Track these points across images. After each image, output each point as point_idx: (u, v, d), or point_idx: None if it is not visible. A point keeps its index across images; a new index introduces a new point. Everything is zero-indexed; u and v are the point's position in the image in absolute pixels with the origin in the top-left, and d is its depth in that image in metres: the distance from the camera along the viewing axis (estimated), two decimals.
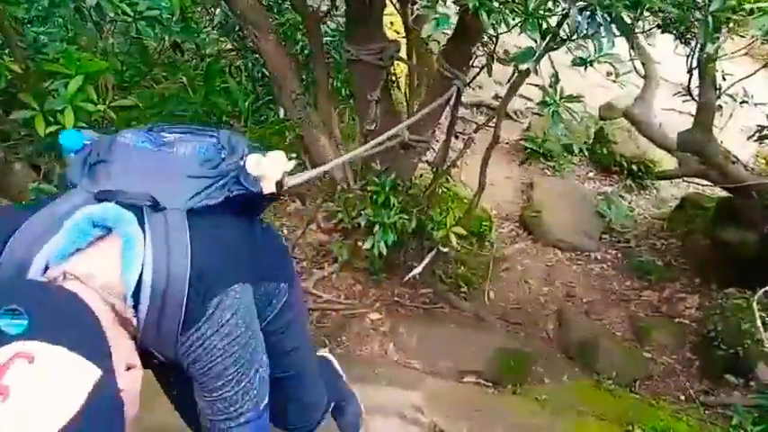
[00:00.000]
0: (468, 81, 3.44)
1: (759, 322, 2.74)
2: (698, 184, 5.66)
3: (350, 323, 3.92)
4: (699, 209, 5.80)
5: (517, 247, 5.72)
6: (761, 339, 3.96)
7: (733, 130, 6.39)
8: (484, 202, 4.91)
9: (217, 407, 1.16)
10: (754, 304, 2.91)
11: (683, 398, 4.14)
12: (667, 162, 6.74)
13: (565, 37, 2.22)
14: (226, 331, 1.09)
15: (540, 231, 5.86)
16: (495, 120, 3.75)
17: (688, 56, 3.88)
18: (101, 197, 1.11)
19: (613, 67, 2.72)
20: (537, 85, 2.52)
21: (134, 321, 1.03)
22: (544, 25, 2.13)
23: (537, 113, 7.55)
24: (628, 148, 6.83)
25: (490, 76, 3.60)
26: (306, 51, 4.94)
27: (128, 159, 1.19)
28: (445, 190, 4.36)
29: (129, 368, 0.93)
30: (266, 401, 1.22)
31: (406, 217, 3.38)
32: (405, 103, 4.47)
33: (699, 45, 3.56)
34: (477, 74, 3.67)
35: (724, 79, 4.11)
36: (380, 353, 3.80)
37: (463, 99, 4.23)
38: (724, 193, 5.51)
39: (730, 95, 4.33)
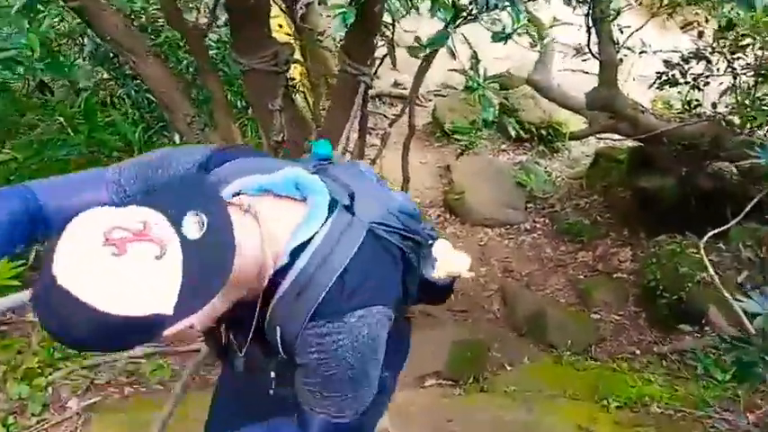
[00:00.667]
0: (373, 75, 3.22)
1: (711, 270, 2.70)
2: (608, 138, 5.71)
3: None
4: (613, 162, 5.88)
5: (447, 233, 5.61)
6: (701, 282, 4.03)
7: (629, 80, 6.57)
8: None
9: (323, 404, 1.15)
10: (702, 250, 2.88)
11: (638, 352, 4.15)
12: (573, 122, 6.83)
13: (474, 13, 2.04)
14: (359, 348, 1.09)
15: (465, 212, 5.78)
16: (407, 110, 3.58)
17: (586, 15, 3.84)
18: (317, 169, 1.21)
19: (534, 37, 2.58)
20: (457, 70, 2.34)
21: (264, 282, 1.06)
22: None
23: (440, 95, 7.50)
24: (534, 114, 6.86)
25: (394, 66, 3.41)
26: (191, 69, 4.57)
27: (351, 171, 1.31)
28: None
29: (191, 327, 0.94)
30: (365, 407, 1.20)
31: None
32: (308, 107, 4.21)
33: (592, 3, 3.53)
34: (379, 65, 3.47)
35: (621, 32, 4.11)
36: None
37: None
38: (634, 144, 5.63)
39: (629, 48, 4.35)
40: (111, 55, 4.59)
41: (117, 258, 0.83)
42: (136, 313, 0.83)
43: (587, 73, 7.31)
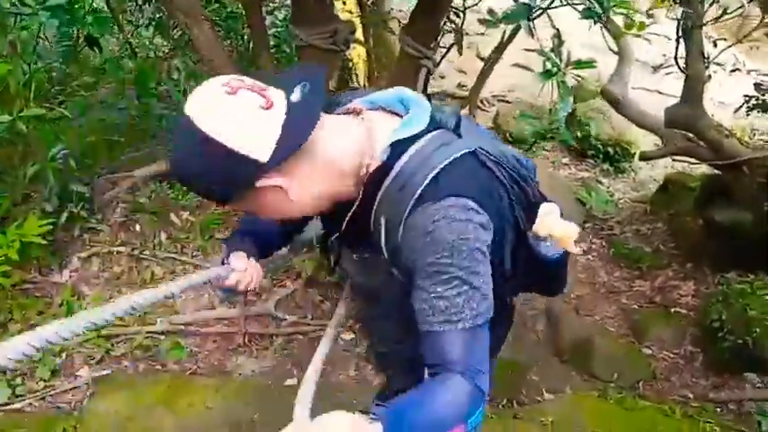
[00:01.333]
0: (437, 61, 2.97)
1: None
2: (681, 161, 5.28)
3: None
4: (683, 189, 5.46)
5: None
6: None
7: (708, 104, 6.13)
8: None
9: (437, 305, 1.12)
10: None
11: (691, 396, 3.78)
12: (643, 142, 6.43)
13: None
14: (456, 229, 1.11)
15: None
16: (466, 110, 3.32)
17: (679, 20, 3.48)
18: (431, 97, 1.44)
19: (629, 18, 2.27)
20: (535, 50, 2.06)
21: (362, 171, 1.18)
22: None
23: (504, 101, 7.20)
24: (602, 130, 6.49)
25: (461, 54, 3.16)
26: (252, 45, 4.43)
27: (470, 122, 1.38)
28: None
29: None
30: (485, 320, 1.16)
31: None
32: None
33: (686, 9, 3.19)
34: (446, 53, 3.23)
35: (715, 46, 3.74)
36: (357, 378, 3.33)
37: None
38: (706, 171, 5.21)
39: (719, 64, 3.97)
40: (173, 23, 4.51)
41: (228, 95, 1.01)
42: (235, 147, 1.00)
43: (662, 93, 6.93)
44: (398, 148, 1.18)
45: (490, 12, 2.01)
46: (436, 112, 1.24)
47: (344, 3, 4.01)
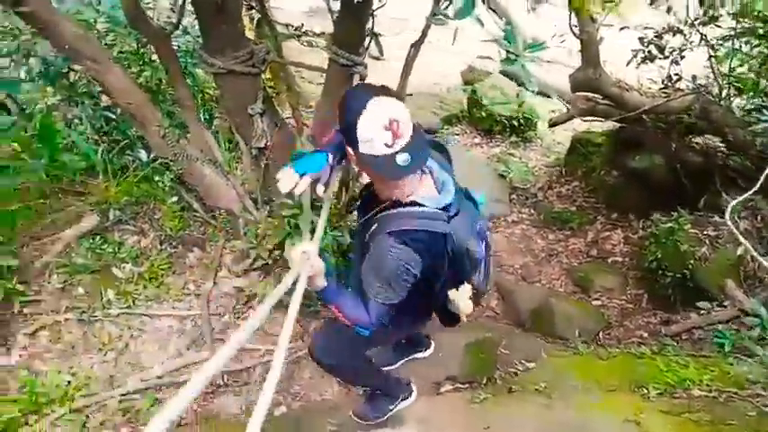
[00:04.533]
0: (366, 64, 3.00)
1: (741, 237, 2.57)
2: (588, 120, 5.58)
3: (299, 368, 3.39)
4: (591, 146, 5.81)
5: None
6: (701, 258, 3.94)
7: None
8: None
9: (371, 285, 1.93)
10: (728, 216, 2.77)
11: (645, 335, 4.04)
12: (540, 113, 6.79)
13: None
14: (390, 257, 1.89)
15: None
16: None
17: None
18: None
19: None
20: (491, 40, 2.13)
21: (394, 196, 1.96)
22: None
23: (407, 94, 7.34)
24: (503, 105, 6.76)
25: (382, 55, 3.20)
26: (154, 80, 4.28)
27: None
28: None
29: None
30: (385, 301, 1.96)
31: (338, 234, 2.90)
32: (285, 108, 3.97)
33: None
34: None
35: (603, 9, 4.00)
36: (343, 392, 3.31)
37: None
38: (611, 127, 5.57)
39: (607, 25, 4.26)
40: (65, 70, 4.26)
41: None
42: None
43: (550, 62, 7.33)
44: (417, 203, 1.92)
45: (435, 14, 2.07)
46: (452, 193, 1.97)
47: (245, 24, 3.94)
